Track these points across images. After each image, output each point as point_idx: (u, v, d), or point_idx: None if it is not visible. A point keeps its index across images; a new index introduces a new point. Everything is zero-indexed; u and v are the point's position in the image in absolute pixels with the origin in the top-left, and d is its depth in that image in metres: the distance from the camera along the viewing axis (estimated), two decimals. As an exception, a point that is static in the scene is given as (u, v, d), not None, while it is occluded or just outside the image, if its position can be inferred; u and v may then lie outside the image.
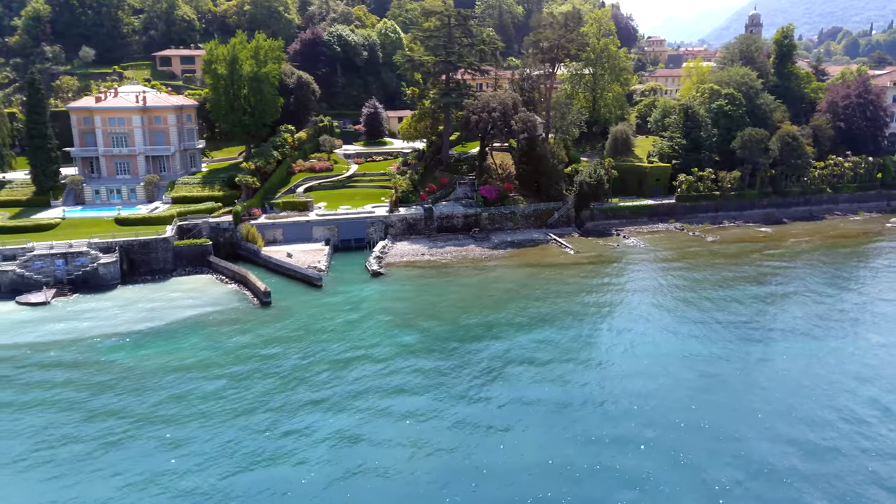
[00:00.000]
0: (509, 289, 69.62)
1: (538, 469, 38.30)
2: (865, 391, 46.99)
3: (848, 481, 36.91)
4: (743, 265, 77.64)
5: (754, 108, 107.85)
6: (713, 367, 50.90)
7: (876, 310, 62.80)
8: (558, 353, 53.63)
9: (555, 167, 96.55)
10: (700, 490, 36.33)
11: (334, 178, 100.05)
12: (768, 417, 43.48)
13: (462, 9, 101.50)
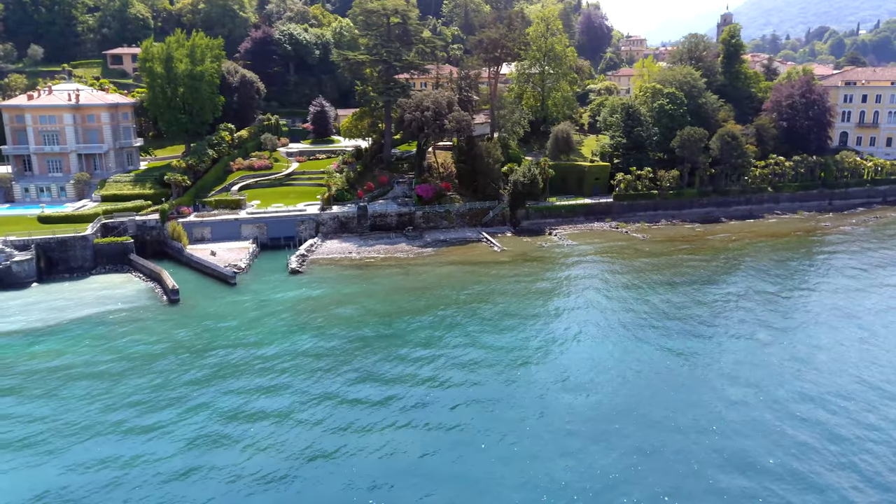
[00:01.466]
0: (423, 286, 69.94)
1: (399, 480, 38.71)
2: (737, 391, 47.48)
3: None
4: (661, 262, 78.06)
5: (697, 107, 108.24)
6: (607, 364, 51.29)
7: (780, 307, 63.22)
8: (450, 349, 53.89)
9: (490, 166, 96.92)
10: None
11: (272, 177, 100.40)
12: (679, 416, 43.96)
13: (403, 6, 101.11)
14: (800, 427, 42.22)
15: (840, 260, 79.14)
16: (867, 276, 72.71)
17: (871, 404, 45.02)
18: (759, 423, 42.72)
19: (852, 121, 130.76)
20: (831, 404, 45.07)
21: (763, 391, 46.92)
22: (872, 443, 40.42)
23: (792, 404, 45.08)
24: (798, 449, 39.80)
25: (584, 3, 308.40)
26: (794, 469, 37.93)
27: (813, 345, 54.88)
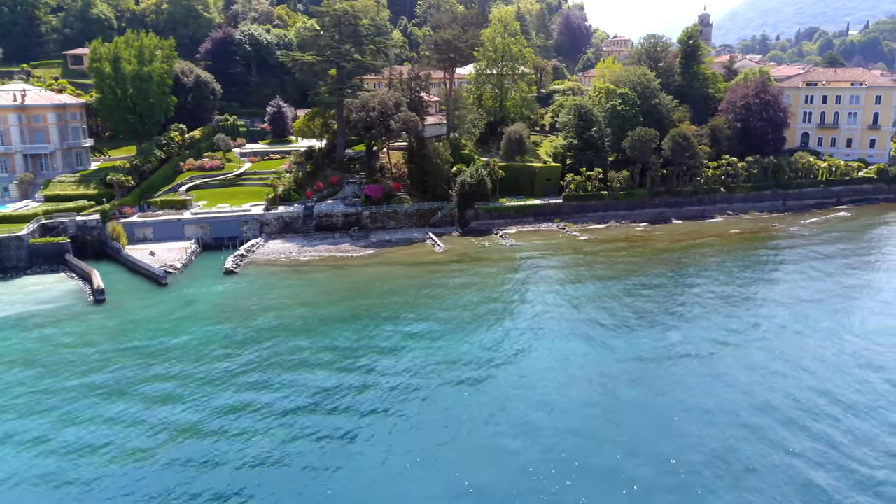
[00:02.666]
0: (351, 287, 70.20)
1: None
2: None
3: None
4: (595, 262, 78.43)
5: (650, 108, 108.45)
6: (515, 360, 51.57)
7: (700, 307, 63.51)
8: (368, 349, 54.19)
9: (439, 167, 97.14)
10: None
11: (223, 177, 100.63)
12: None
13: (352, 7, 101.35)
14: (733, 432, 42.51)
15: (775, 259, 79.46)
16: (794, 275, 73.01)
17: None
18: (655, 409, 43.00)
19: (813, 122, 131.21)
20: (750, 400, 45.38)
21: (653, 386, 47.22)
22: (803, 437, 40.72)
23: (700, 399, 45.36)
24: (716, 451, 40.09)
25: (567, 4, 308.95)
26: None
27: (719, 341, 55.19)
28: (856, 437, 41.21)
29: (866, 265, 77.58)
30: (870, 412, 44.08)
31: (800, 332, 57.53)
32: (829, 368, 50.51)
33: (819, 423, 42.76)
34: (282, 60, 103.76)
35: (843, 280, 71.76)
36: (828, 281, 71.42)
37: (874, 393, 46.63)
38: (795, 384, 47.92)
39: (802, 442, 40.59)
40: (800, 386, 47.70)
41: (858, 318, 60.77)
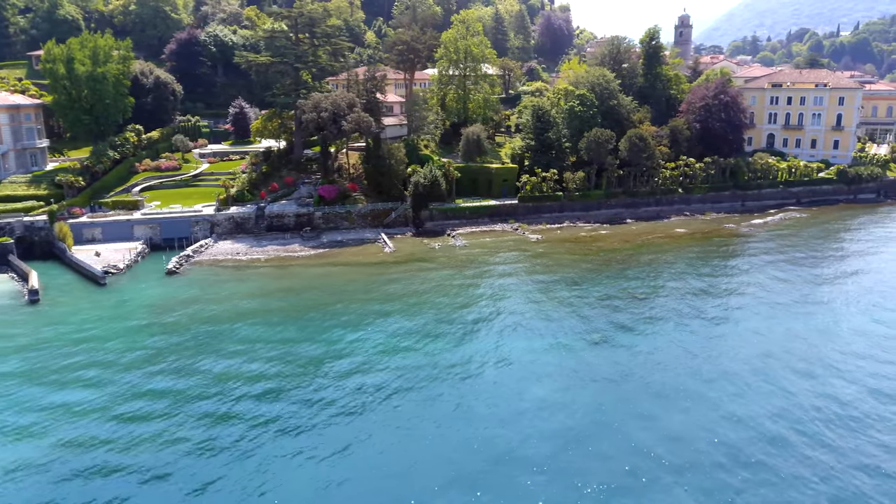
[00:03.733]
0: (289, 287, 70.46)
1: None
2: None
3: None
4: (537, 262, 78.71)
5: (609, 109, 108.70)
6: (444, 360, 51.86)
7: (635, 307, 63.79)
8: (291, 352, 54.37)
9: (392, 168, 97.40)
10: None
11: (178, 178, 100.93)
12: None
13: (310, 9, 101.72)
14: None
15: (717, 258, 79.72)
16: (731, 274, 73.32)
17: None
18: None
19: (778, 123, 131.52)
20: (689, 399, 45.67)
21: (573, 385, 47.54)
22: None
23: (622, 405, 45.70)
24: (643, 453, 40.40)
25: (553, 6, 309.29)
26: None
27: (640, 337, 55.53)
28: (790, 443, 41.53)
29: (806, 264, 77.77)
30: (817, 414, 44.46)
31: (719, 333, 57.81)
32: (744, 366, 50.85)
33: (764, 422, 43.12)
34: (237, 61, 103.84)
35: (778, 278, 72.05)
36: (762, 278, 71.72)
37: (815, 395, 46.97)
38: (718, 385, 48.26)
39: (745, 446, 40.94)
40: (717, 390, 48.03)
41: (779, 318, 61.00)
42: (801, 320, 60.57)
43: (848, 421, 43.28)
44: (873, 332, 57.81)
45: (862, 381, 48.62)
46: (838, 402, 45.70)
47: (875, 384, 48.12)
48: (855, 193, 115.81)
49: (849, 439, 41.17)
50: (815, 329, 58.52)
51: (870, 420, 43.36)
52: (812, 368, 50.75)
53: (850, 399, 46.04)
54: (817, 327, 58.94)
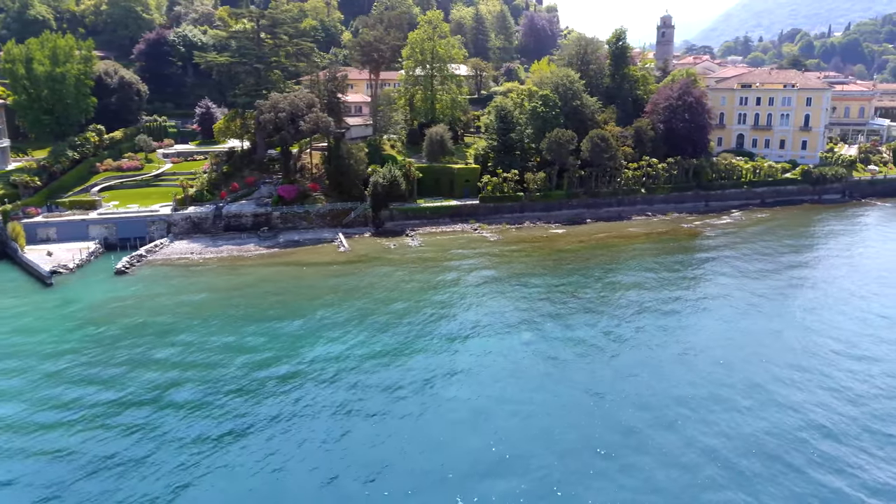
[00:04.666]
0: (235, 287, 70.64)
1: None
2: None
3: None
4: (488, 262, 78.97)
5: (572, 109, 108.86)
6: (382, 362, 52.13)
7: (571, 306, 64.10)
8: (225, 348, 54.72)
9: (352, 167, 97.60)
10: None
11: (140, 178, 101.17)
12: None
13: (272, 10, 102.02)
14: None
15: (668, 258, 79.96)
16: (680, 274, 73.64)
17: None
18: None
19: (748, 123, 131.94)
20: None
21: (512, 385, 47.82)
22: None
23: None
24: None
25: (541, 6, 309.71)
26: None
27: (569, 338, 55.81)
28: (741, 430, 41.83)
29: (750, 261, 78.06)
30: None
31: (643, 330, 58.15)
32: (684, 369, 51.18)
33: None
34: (197, 61, 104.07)
35: (719, 274, 72.41)
36: (701, 274, 72.07)
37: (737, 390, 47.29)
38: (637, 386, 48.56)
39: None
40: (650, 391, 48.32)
41: (712, 317, 61.32)
42: (732, 317, 60.90)
43: (767, 405, 43.64)
44: (807, 329, 58.18)
45: (782, 381, 48.97)
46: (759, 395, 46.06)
47: (809, 379, 48.46)
48: (820, 194, 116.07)
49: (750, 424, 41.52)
50: (739, 326, 58.88)
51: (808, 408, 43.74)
52: (735, 363, 51.10)
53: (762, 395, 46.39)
54: (742, 326, 59.27)
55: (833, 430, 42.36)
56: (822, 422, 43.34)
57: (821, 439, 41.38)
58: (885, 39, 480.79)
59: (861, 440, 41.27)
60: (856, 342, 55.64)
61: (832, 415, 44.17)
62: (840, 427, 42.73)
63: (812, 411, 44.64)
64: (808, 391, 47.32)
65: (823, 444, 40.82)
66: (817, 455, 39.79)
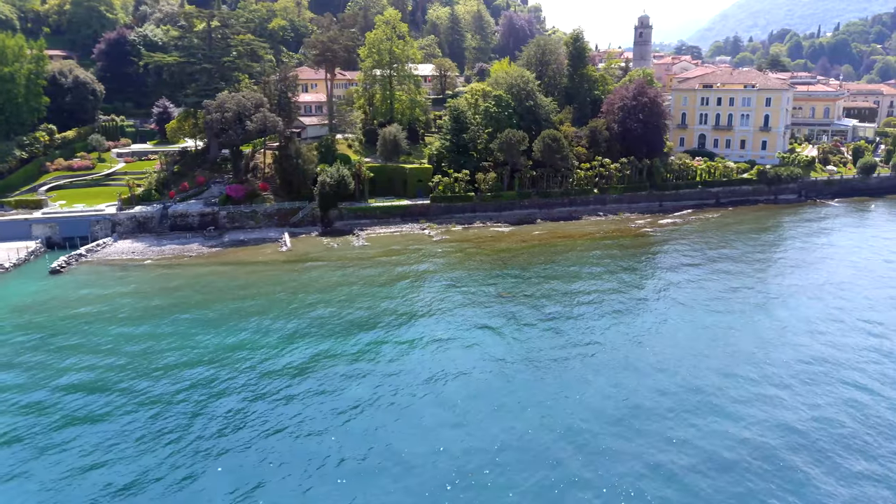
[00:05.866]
0: (167, 287, 70.71)
1: None
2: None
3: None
4: (428, 261, 79.21)
5: (526, 110, 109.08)
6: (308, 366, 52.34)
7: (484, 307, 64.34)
8: (144, 350, 54.89)
9: (299, 167, 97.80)
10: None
11: (90, 177, 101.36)
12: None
13: (222, 11, 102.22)
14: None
15: (605, 258, 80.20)
16: (612, 273, 73.87)
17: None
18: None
19: (709, 123, 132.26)
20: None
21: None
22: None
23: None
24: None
25: (525, 7, 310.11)
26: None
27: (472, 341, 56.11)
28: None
29: (687, 262, 78.31)
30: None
31: (555, 327, 58.40)
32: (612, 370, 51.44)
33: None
34: (145, 61, 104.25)
35: (644, 275, 72.68)
36: (630, 275, 72.35)
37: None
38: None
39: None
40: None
41: (640, 316, 61.57)
42: (659, 316, 61.17)
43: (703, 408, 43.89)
44: (715, 327, 58.45)
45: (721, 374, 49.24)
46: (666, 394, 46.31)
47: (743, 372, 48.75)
48: (776, 194, 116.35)
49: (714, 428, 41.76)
50: (658, 325, 59.14)
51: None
52: (647, 364, 51.37)
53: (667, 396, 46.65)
54: (662, 326, 59.52)
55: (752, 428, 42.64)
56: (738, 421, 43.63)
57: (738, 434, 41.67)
58: (874, 40, 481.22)
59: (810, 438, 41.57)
60: (780, 340, 55.95)
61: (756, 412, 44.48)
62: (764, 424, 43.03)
63: (742, 411, 44.92)
64: (738, 393, 47.60)
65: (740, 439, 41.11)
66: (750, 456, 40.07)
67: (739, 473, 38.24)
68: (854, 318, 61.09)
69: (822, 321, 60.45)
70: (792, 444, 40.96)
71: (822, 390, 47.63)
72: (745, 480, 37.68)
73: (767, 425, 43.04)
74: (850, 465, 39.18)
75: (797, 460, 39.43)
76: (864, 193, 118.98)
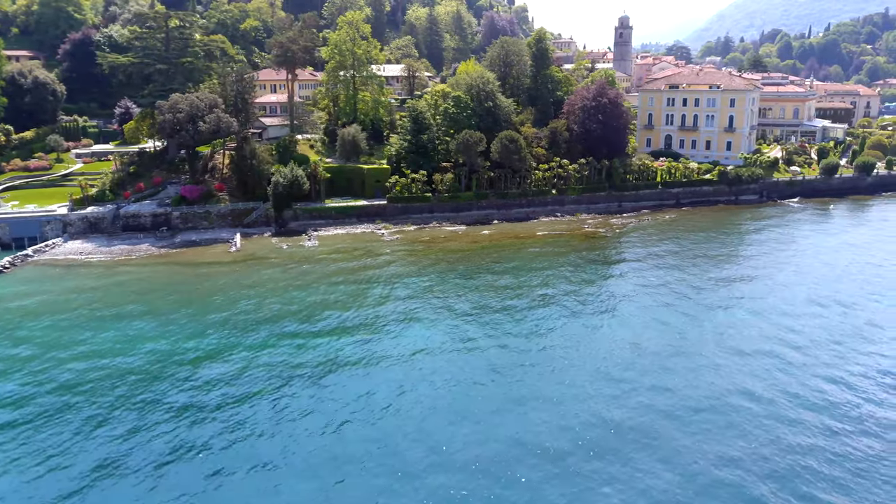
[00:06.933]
0: (107, 285, 71.09)
1: None
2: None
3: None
4: (375, 261, 79.42)
5: (486, 111, 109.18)
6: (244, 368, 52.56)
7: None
8: (71, 352, 55.01)
9: (254, 167, 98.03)
10: None
11: (46, 177, 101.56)
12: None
13: (182, 12, 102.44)
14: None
15: (551, 258, 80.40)
16: (552, 272, 74.09)
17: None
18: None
19: (675, 124, 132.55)
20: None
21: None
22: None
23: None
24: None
25: (511, 7, 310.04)
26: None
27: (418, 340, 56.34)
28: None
29: (631, 262, 78.56)
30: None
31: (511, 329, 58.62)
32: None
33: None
34: (99, 61, 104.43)
35: (583, 279, 72.90)
36: (575, 276, 72.56)
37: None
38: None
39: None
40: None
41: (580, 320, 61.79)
42: (589, 317, 61.41)
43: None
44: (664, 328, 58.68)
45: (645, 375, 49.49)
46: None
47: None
48: (737, 195, 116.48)
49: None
50: (586, 326, 59.36)
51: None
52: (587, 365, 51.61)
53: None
54: (591, 325, 59.75)
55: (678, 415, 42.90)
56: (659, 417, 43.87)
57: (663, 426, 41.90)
58: (864, 40, 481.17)
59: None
60: (706, 340, 56.28)
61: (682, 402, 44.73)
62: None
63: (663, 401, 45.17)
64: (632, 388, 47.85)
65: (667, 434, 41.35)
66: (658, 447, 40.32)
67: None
68: (771, 319, 61.38)
69: (740, 322, 60.72)
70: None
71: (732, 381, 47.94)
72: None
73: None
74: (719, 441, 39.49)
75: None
76: (826, 194, 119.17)
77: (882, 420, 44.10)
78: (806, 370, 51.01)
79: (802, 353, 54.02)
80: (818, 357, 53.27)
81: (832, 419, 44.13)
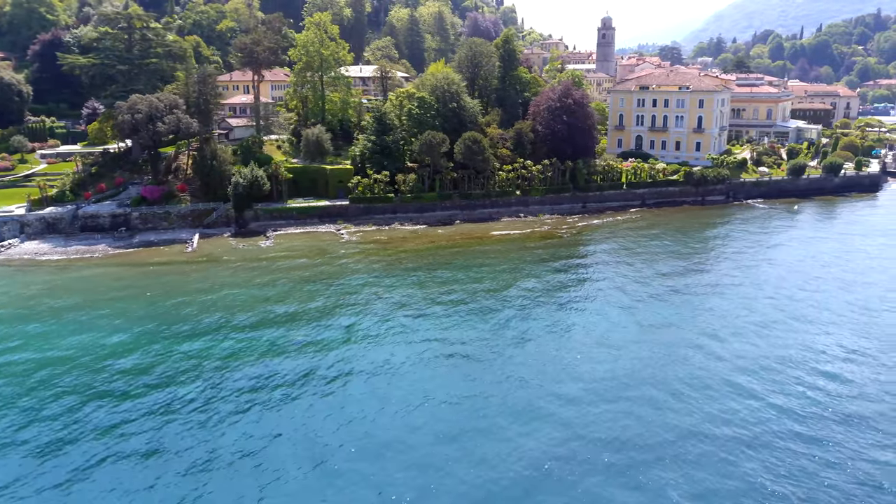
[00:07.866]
0: (57, 285, 71.32)
1: None
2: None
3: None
4: (327, 261, 79.60)
5: (451, 112, 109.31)
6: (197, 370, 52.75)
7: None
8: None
9: (215, 168, 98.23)
10: None
11: (8, 178, 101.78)
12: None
13: (148, 13, 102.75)
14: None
15: (503, 259, 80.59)
16: (504, 274, 74.30)
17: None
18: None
19: (645, 125, 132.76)
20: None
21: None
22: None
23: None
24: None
25: (499, 9, 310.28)
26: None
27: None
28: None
29: (580, 263, 78.77)
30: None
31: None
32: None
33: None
34: (60, 62, 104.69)
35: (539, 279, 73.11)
36: (528, 277, 72.77)
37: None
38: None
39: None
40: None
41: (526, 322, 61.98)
42: (541, 320, 61.60)
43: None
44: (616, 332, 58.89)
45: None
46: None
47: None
48: (703, 195, 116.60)
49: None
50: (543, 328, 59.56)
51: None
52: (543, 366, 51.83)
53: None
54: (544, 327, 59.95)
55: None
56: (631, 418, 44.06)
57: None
58: (856, 41, 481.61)
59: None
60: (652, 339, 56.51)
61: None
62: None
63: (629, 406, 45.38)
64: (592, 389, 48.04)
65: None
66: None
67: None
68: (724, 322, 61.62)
69: (687, 319, 60.96)
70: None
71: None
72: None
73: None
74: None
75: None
76: (793, 195, 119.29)
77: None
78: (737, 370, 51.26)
79: (742, 356, 54.26)
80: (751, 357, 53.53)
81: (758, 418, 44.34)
